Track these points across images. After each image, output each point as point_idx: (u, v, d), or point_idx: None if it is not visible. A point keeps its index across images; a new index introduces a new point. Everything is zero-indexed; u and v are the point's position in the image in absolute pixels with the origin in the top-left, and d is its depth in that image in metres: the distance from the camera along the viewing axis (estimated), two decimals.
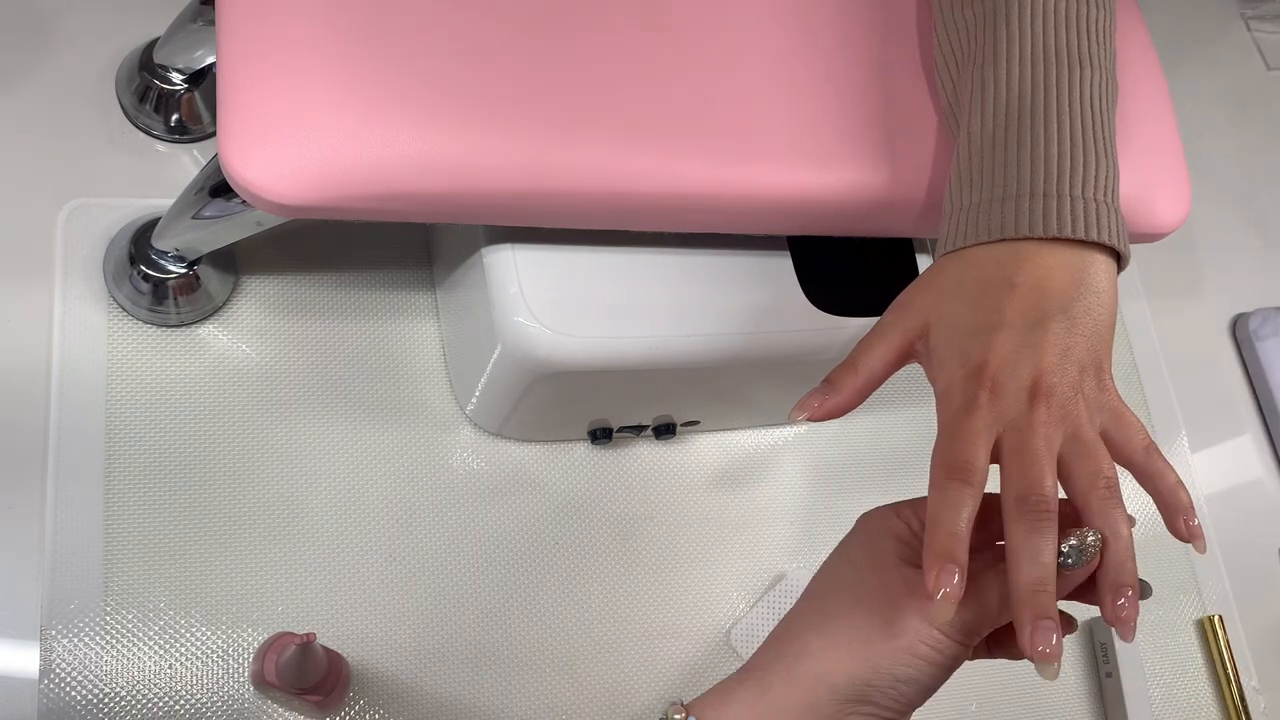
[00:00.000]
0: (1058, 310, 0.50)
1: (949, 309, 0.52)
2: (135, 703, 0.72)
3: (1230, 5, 1.30)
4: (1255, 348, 1.09)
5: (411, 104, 0.57)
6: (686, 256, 0.71)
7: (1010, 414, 0.48)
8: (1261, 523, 1.07)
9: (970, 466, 0.46)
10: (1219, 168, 1.21)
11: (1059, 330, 0.49)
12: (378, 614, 0.78)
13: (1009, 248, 0.52)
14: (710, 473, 0.90)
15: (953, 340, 0.50)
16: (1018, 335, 0.49)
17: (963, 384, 0.49)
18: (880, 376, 0.53)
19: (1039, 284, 0.50)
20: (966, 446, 0.47)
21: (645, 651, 0.83)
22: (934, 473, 0.47)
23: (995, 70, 0.57)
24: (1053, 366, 0.48)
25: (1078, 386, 0.49)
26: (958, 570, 0.44)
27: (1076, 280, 0.51)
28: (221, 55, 0.57)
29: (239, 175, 0.55)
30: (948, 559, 0.44)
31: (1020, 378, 0.48)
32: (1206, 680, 0.97)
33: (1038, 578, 0.44)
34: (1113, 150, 0.55)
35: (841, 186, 0.66)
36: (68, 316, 0.79)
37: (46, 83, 0.85)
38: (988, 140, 0.55)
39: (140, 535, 0.75)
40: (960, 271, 0.53)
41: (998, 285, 0.51)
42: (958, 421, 0.48)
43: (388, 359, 0.85)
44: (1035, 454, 0.47)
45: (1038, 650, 0.43)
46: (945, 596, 0.43)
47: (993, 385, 0.48)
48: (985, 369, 0.48)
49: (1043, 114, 0.54)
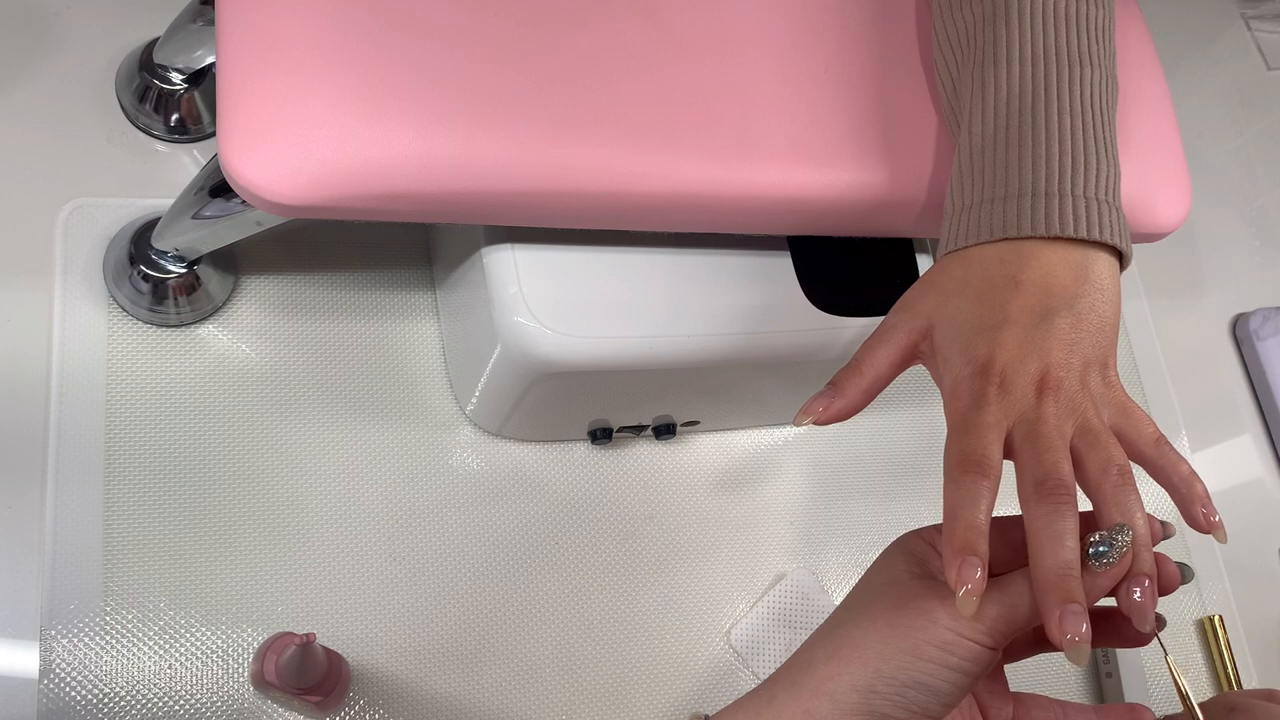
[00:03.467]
0: (1063, 306, 0.49)
1: (953, 308, 0.51)
2: (135, 703, 0.72)
3: (1230, 5, 1.30)
4: (1255, 348, 1.09)
5: (412, 104, 0.57)
6: (686, 256, 0.71)
7: (1020, 408, 0.47)
8: (1261, 523, 1.07)
9: (985, 459, 0.46)
10: (1219, 167, 1.21)
11: (1064, 326, 0.49)
12: (378, 614, 0.78)
13: (1012, 247, 0.52)
14: (710, 473, 0.90)
15: (958, 338, 0.50)
16: (1023, 331, 0.49)
17: (970, 381, 0.49)
18: (885, 378, 0.52)
19: (1043, 281, 0.50)
20: (979, 440, 0.46)
21: (645, 651, 0.83)
22: (948, 470, 0.46)
23: (995, 70, 0.57)
24: (1060, 361, 0.48)
25: (1084, 381, 0.49)
26: (979, 562, 0.42)
27: (1080, 278, 0.51)
28: (221, 55, 0.57)
29: (239, 175, 0.55)
30: (968, 551, 0.43)
31: (1028, 373, 0.48)
32: (1206, 680, 0.97)
33: (1063, 561, 0.42)
34: (1114, 149, 0.55)
35: (842, 186, 0.66)
36: (68, 316, 0.79)
37: (46, 83, 0.85)
38: (988, 139, 0.55)
39: (140, 535, 0.75)
40: (963, 271, 0.53)
41: (1002, 283, 0.51)
42: (968, 417, 0.47)
43: (388, 359, 0.85)
44: (1049, 441, 0.46)
45: (1066, 638, 0.41)
46: (968, 591, 0.42)
47: (1001, 381, 0.48)
48: (993, 365, 0.48)
49: (1044, 113, 0.54)
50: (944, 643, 0.43)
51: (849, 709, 0.44)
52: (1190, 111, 1.19)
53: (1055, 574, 0.42)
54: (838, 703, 0.44)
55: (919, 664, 0.43)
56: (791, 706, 0.45)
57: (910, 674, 0.43)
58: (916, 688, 0.43)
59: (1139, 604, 0.43)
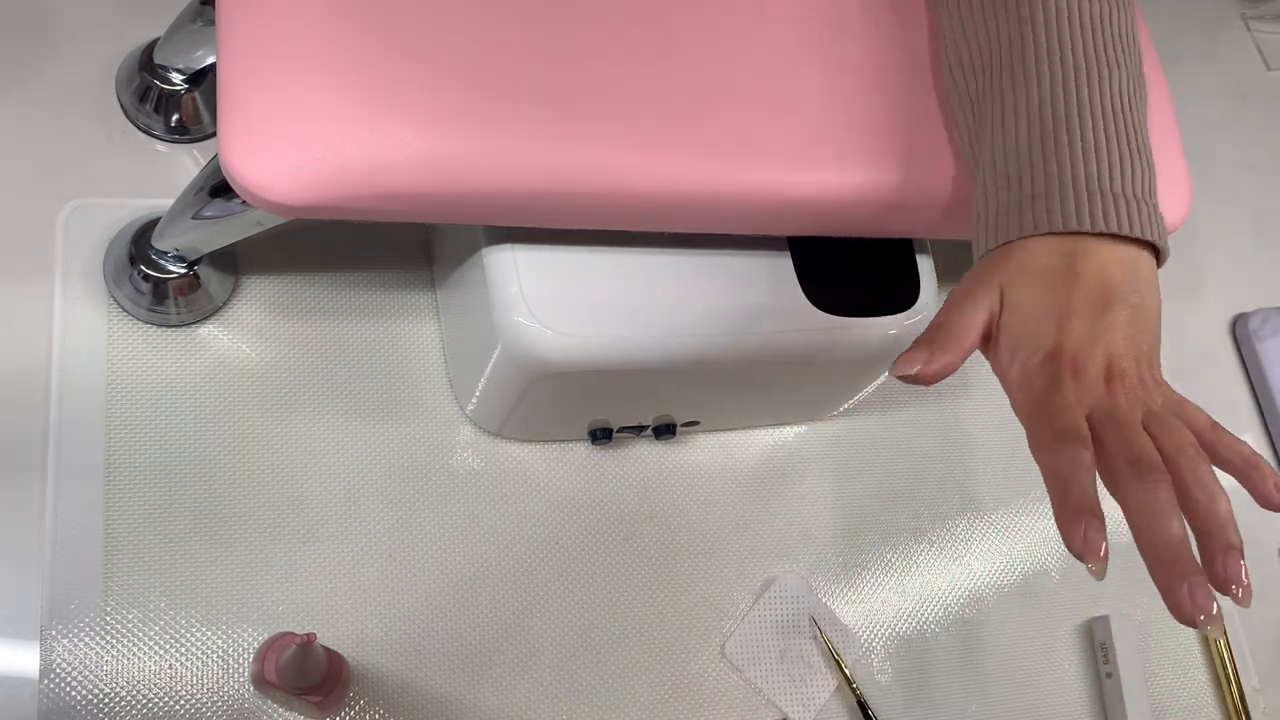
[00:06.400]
0: (1119, 301, 0.51)
1: (1020, 293, 0.52)
2: (135, 703, 0.72)
3: (1230, 5, 1.30)
4: (1255, 348, 1.09)
5: (412, 104, 0.57)
6: (686, 256, 0.71)
7: (1094, 394, 0.49)
8: (1261, 523, 1.05)
9: (1080, 431, 0.47)
10: (1219, 167, 1.20)
11: (1123, 319, 0.51)
12: (378, 614, 0.78)
13: (1068, 242, 0.53)
14: (710, 473, 0.90)
15: (1026, 323, 0.51)
16: (1087, 322, 0.50)
17: (1041, 366, 0.50)
18: (974, 343, 0.53)
19: (1101, 275, 0.52)
20: (1070, 417, 0.47)
21: (645, 651, 0.83)
22: (1043, 445, 0.47)
23: (1025, 76, 0.57)
24: (1120, 352, 0.50)
25: (1140, 374, 0.50)
26: (1101, 524, 0.43)
27: (1131, 274, 0.52)
28: (221, 55, 0.57)
29: (239, 175, 0.55)
30: (1089, 514, 0.43)
31: (1096, 361, 0.49)
32: (1206, 680, 0.97)
33: (1177, 537, 0.43)
34: (1147, 150, 0.56)
35: (842, 187, 0.66)
36: (68, 316, 0.79)
37: (46, 83, 0.85)
38: (1023, 143, 0.56)
39: (140, 535, 0.75)
40: (1026, 259, 0.53)
41: (1063, 274, 0.52)
42: (1049, 399, 0.49)
43: (388, 359, 0.85)
44: (1131, 424, 0.47)
45: (1200, 617, 0.41)
46: (1101, 558, 0.42)
47: (1074, 367, 0.49)
48: (1063, 351, 0.50)
49: (1077, 118, 0.55)
50: None
51: None
52: (1190, 111, 1.19)
53: (1171, 551, 0.43)
54: None
55: None
56: None
57: None
58: None
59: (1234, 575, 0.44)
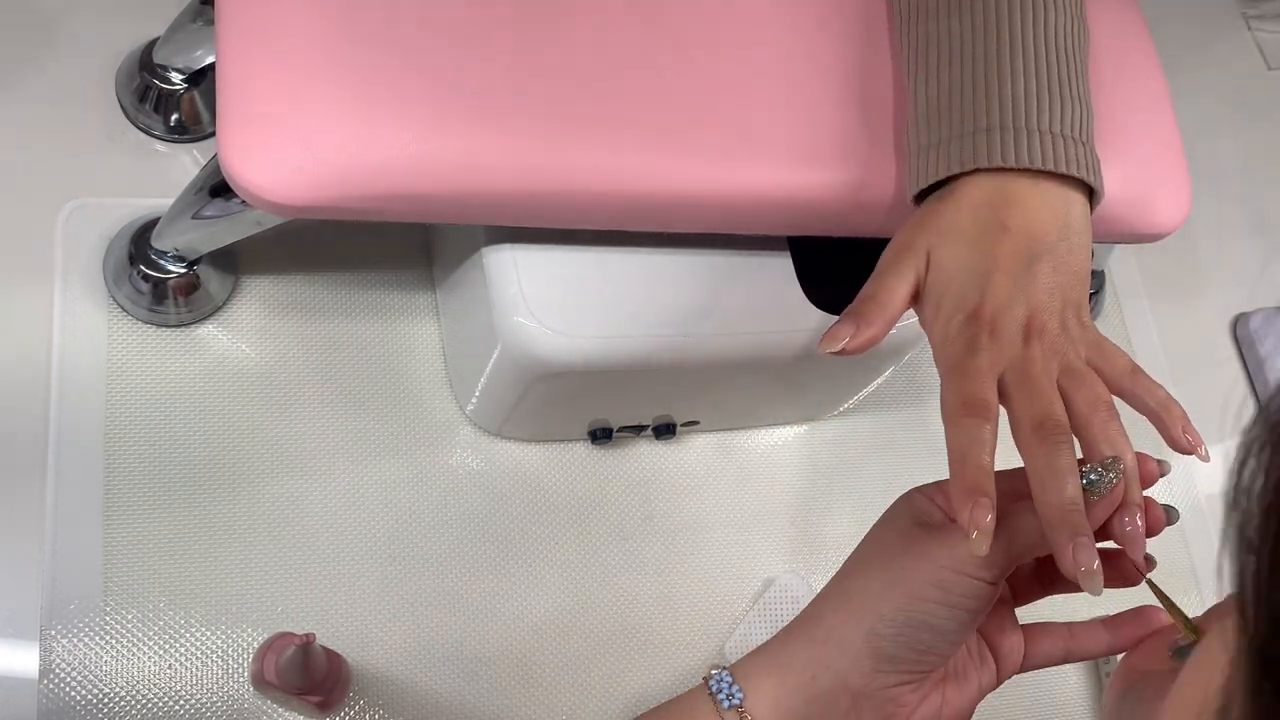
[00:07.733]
0: (1045, 252, 0.52)
1: (945, 253, 0.53)
2: (135, 703, 0.72)
3: (1230, 5, 1.30)
4: (1255, 348, 1.09)
5: (411, 104, 0.57)
6: (686, 256, 0.71)
7: (1010, 353, 0.49)
8: None
9: (985, 403, 0.47)
10: (1219, 168, 1.20)
11: (1046, 270, 0.51)
12: (378, 614, 0.78)
13: (997, 187, 0.53)
14: (710, 473, 0.90)
15: (951, 283, 0.52)
16: (1011, 278, 0.51)
17: (962, 326, 0.50)
18: (899, 311, 0.53)
19: (1028, 227, 0.52)
20: (977, 384, 0.48)
21: (644, 651, 0.83)
22: (949, 414, 0.48)
23: (961, 15, 0.58)
24: (1042, 305, 0.51)
25: (1063, 323, 0.51)
26: (990, 503, 0.44)
27: (1061, 223, 0.53)
28: (221, 55, 0.57)
29: (239, 175, 0.55)
30: (979, 492, 0.44)
31: (1015, 318, 0.50)
32: None
33: (1069, 497, 0.44)
34: (1084, 92, 0.56)
35: (843, 186, 0.65)
36: (68, 316, 0.79)
37: (47, 82, 0.85)
38: (955, 81, 0.57)
39: (140, 535, 0.75)
40: (955, 214, 0.54)
41: (992, 229, 0.52)
42: (963, 363, 0.49)
43: (388, 359, 0.85)
44: (1040, 384, 0.48)
45: (1081, 569, 0.42)
46: (981, 531, 0.43)
47: (992, 327, 0.50)
48: (983, 311, 0.50)
49: (1008, 52, 0.55)
50: (941, 581, 0.44)
51: (856, 653, 0.45)
52: (1190, 111, 1.18)
53: (1062, 510, 0.44)
54: (845, 649, 0.45)
55: (919, 604, 0.45)
56: (803, 655, 0.47)
57: (911, 614, 0.45)
58: (919, 627, 0.45)
59: (1130, 534, 0.45)
